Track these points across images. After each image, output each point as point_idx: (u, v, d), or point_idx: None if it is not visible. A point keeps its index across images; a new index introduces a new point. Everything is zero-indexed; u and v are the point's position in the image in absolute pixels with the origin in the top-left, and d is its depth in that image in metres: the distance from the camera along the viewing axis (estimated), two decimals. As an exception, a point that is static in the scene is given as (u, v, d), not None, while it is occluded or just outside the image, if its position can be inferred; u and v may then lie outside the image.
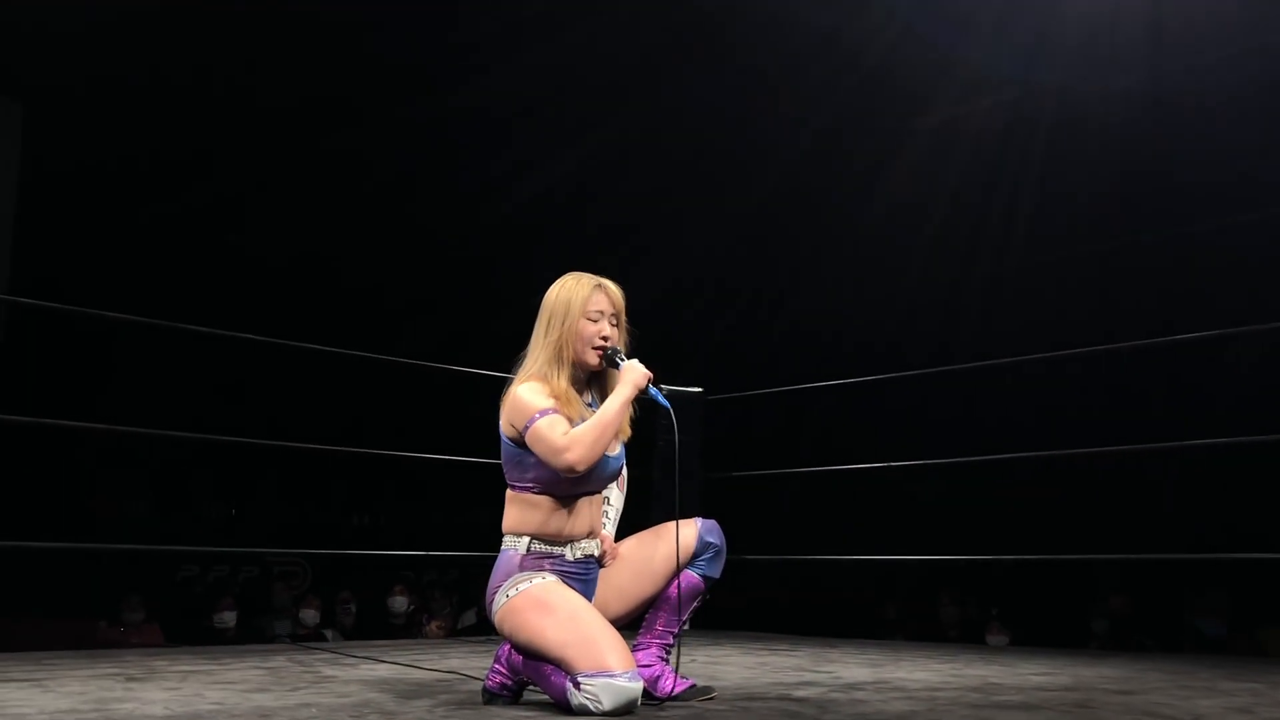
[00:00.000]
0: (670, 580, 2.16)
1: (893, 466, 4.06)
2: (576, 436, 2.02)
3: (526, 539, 2.09)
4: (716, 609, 3.39)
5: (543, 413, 2.03)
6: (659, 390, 2.18)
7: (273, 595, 7.69)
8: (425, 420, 6.98)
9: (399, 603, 6.81)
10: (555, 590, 2.03)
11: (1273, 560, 3.22)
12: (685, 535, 2.15)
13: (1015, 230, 7.21)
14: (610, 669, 1.87)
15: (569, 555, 2.10)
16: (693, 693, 2.13)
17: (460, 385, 3.92)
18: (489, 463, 2.17)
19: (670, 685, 2.12)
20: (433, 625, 6.47)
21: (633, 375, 2.10)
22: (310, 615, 6.77)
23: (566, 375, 2.11)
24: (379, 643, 4.00)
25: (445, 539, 4.73)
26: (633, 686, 1.88)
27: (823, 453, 5.65)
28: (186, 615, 7.05)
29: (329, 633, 6.62)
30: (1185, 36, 5.79)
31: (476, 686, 2.25)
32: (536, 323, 2.16)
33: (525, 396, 2.06)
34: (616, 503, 2.28)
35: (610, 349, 2.14)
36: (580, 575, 2.11)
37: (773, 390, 4.77)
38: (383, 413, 8.09)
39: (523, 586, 2.03)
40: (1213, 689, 2.36)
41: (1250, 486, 5.96)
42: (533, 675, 2.01)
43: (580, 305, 2.12)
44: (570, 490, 2.09)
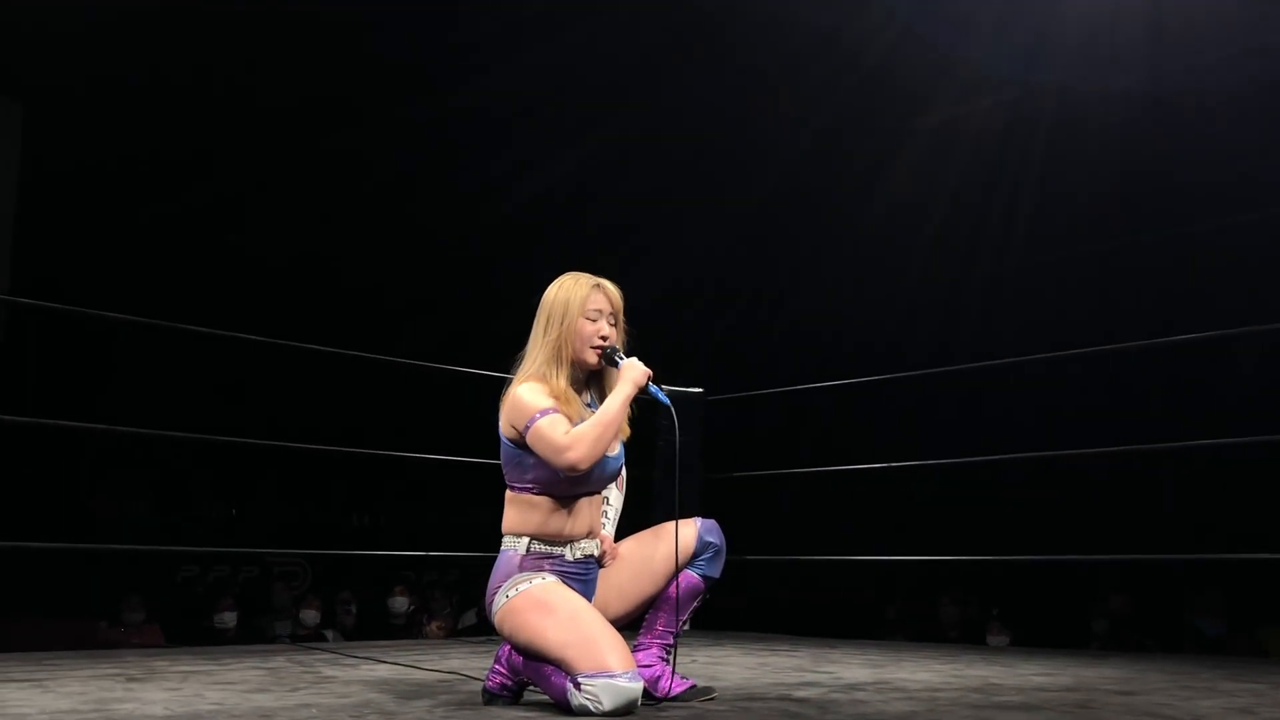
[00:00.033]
0: (670, 580, 2.16)
1: (893, 467, 4.05)
2: (578, 435, 2.01)
3: (526, 539, 2.09)
4: (717, 609, 3.39)
5: (543, 412, 2.03)
6: (659, 388, 2.18)
7: (273, 595, 7.69)
8: (425, 420, 6.98)
9: (399, 603, 6.82)
10: (555, 591, 2.03)
11: (1273, 560, 3.22)
12: (685, 535, 2.15)
13: (1015, 230, 7.20)
14: (610, 669, 1.87)
15: (569, 555, 2.10)
16: (693, 693, 2.13)
17: (460, 385, 3.92)
18: (489, 463, 2.17)
19: (671, 685, 2.12)
20: (433, 625, 6.47)
21: (632, 373, 2.10)
22: (310, 615, 6.77)
23: (565, 375, 2.11)
24: (379, 643, 4.00)
25: (445, 539, 4.73)
26: (633, 687, 1.88)
27: (823, 453, 5.64)
28: (187, 615, 7.05)
29: (329, 633, 6.62)
30: (1185, 36, 5.79)
31: (477, 687, 2.25)
32: (534, 323, 2.16)
33: (525, 396, 2.06)
34: (616, 503, 2.28)
35: (609, 348, 2.13)
36: (580, 575, 2.10)
37: (773, 390, 4.77)
38: (383, 413, 8.09)
39: (523, 587, 2.03)
40: (1213, 689, 2.36)
41: (1251, 487, 5.96)
42: (533, 676, 2.00)
43: (579, 305, 2.11)
44: (570, 491, 2.09)
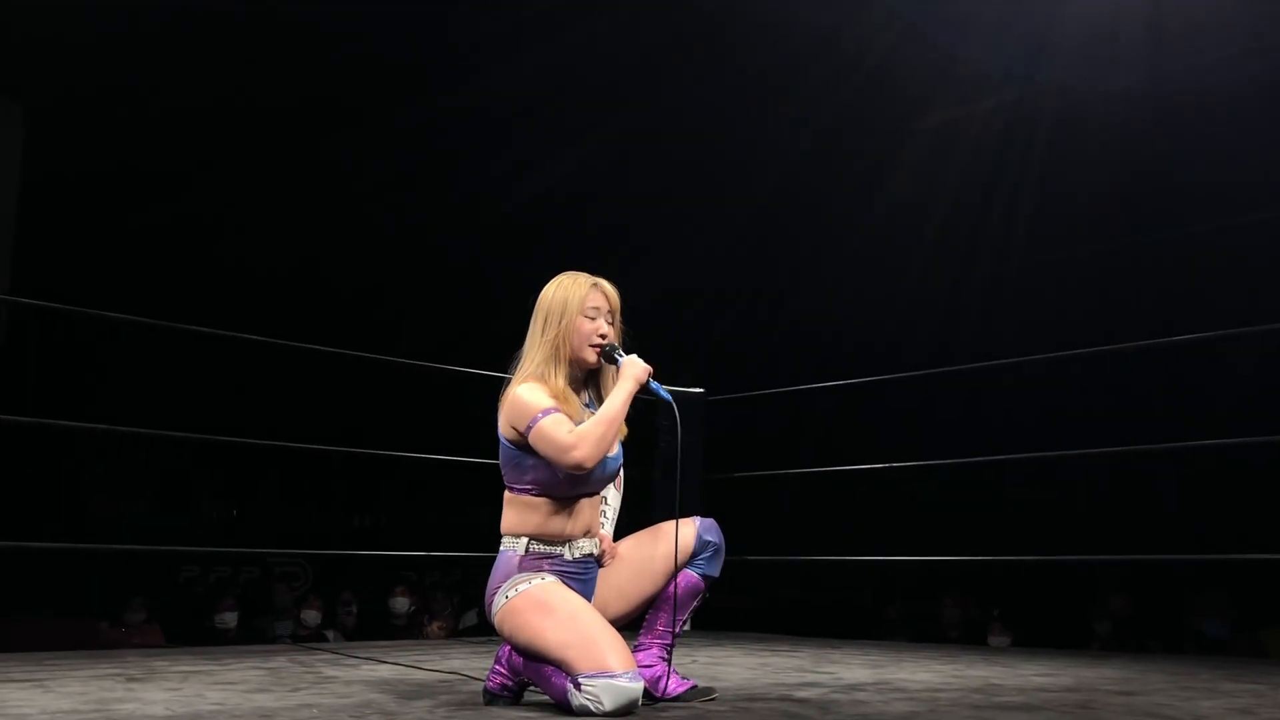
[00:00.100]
0: (670, 579, 2.16)
1: (894, 467, 4.05)
2: (583, 433, 2.01)
3: (525, 540, 2.08)
4: (718, 610, 3.39)
5: (545, 412, 2.02)
6: (660, 385, 2.17)
7: (274, 596, 7.70)
8: (426, 421, 6.98)
9: (400, 603, 6.82)
10: (555, 591, 2.02)
11: (1275, 561, 3.22)
12: (684, 534, 2.15)
13: (1015, 231, 7.20)
14: (611, 669, 1.87)
15: (568, 555, 2.09)
16: (694, 693, 2.13)
17: (461, 385, 3.92)
18: (489, 463, 2.16)
19: (671, 685, 2.12)
20: (434, 626, 6.48)
21: (633, 370, 2.10)
22: (311, 616, 6.78)
23: (564, 374, 2.11)
24: (380, 643, 4.01)
25: (446, 539, 4.73)
26: (633, 687, 1.88)
27: (823, 453, 5.64)
28: (188, 616, 7.06)
29: (330, 633, 6.63)
30: (1185, 36, 5.79)
31: (477, 687, 2.25)
32: (532, 322, 2.15)
33: (525, 397, 2.06)
34: (614, 502, 2.27)
35: (609, 345, 2.13)
36: (579, 575, 2.10)
37: (773, 391, 4.77)
38: (384, 413, 8.09)
39: (522, 587, 2.03)
40: (1214, 690, 2.36)
41: (1252, 487, 5.95)
42: (533, 676, 2.00)
43: (578, 303, 2.11)
44: (569, 492, 2.09)
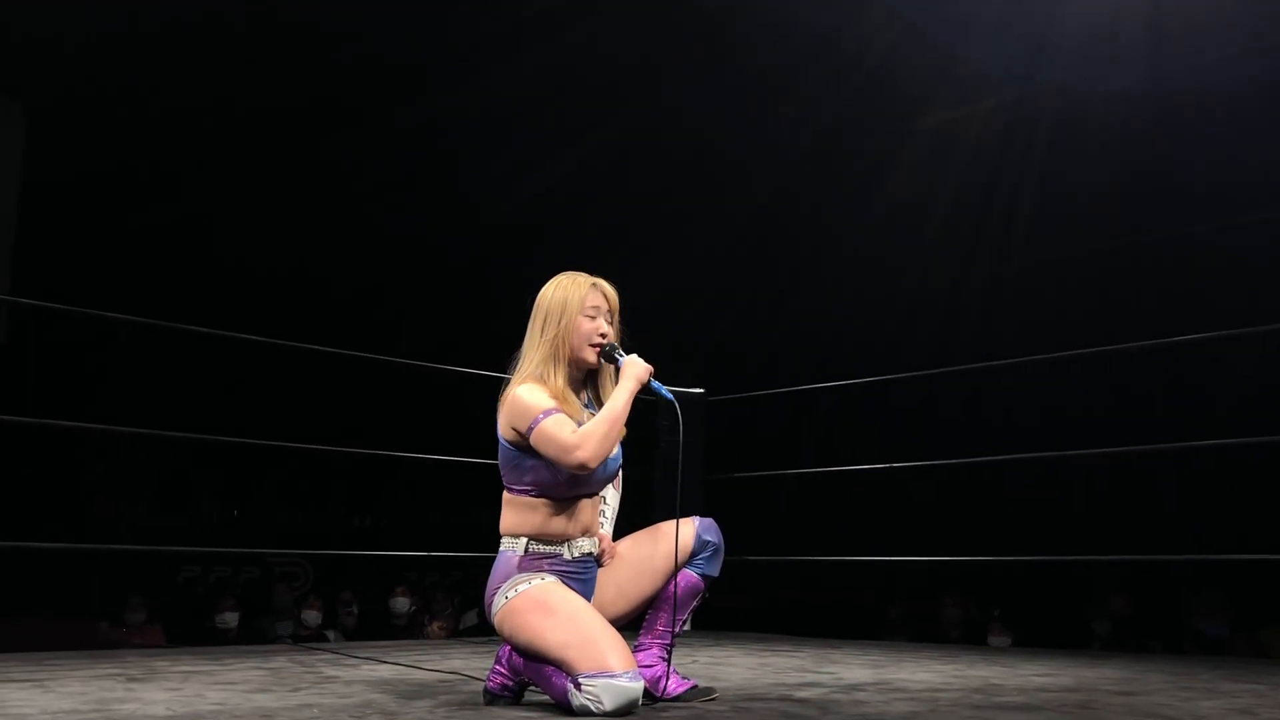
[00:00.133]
0: (670, 578, 2.16)
1: (894, 467, 4.05)
2: (586, 433, 2.01)
3: (524, 540, 2.08)
4: (718, 610, 3.39)
5: (547, 413, 2.02)
6: (661, 385, 2.17)
7: (274, 596, 7.70)
8: (426, 421, 6.99)
9: (401, 603, 6.83)
10: (555, 591, 2.02)
11: (1274, 561, 3.22)
12: (683, 534, 2.14)
13: (1015, 231, 7.20)
14: (611, 669, 1.87)
15: (567, 554, 2.09)
16: (694, 693, 2.13)
17: (461, 385, 3.92)
18: (490, 463, 2.16)
19: (672, 685, 2.12)
20: (434, 626, 6.48)
21: (635, 370, 2.09)
22: (312, 616, 6.78)
23: (564, 374, 2.10)
24: (381, 643, 4.01)
25: (447, 539, 4.73)
26: (634, 686, 1.88)
27: (824, 453, 5.64)
28: (188, 616, 7.06)
29: (331, 633, 6.63)
30: (1185, 36, 5.79)
31: (478, 687, 2.25)
32: (531, 322, 2.15)
33: (526, 397, 2.05)
34: (613, 501, 2.27)
35: (609, 345, 2.13)
36: (579, 575, 2.10)
37: (773, 391, 4.77)
38: (384, 414, 8.09)
39: (522, 588, 2.03)
40: (1214, 690, 2.36)
41: (1253, 487, 5.95)
42: (534, 676, 2.00)
43: (578, 303, 2.11)
44: (568, 493, 2.08)
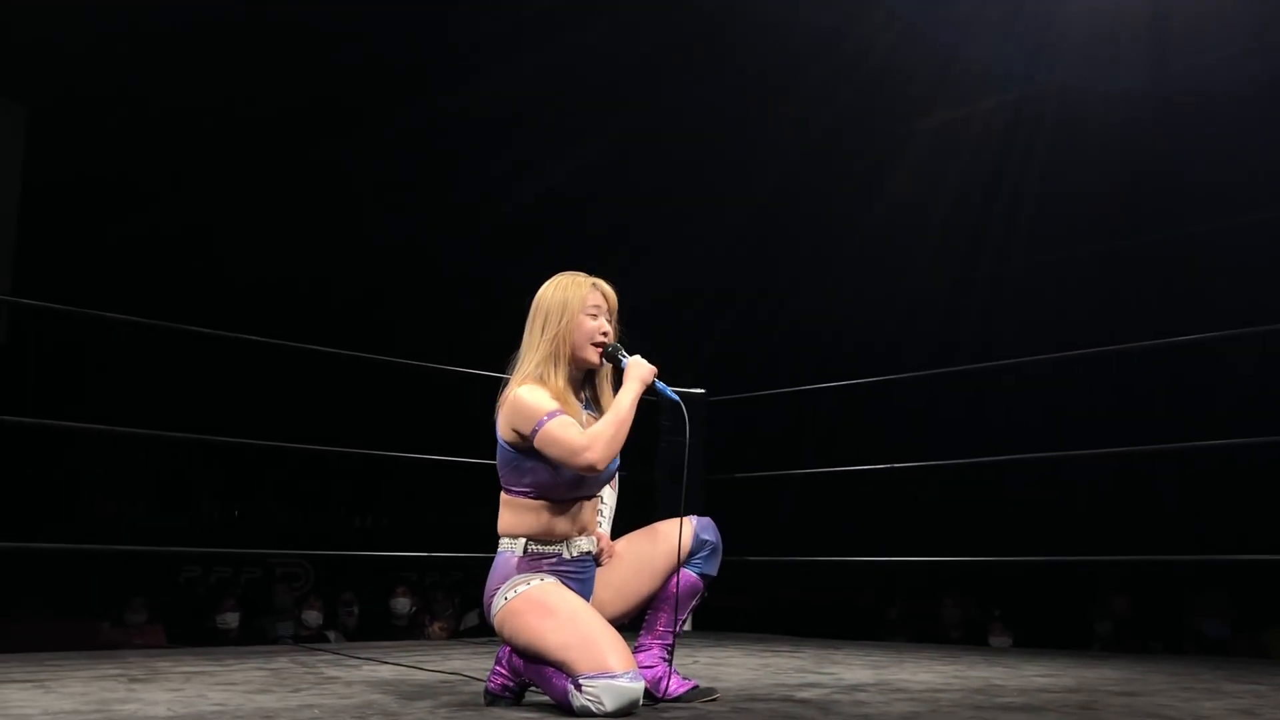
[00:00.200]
0: (668, 577, 2.15)
1: (895, 468, 4.05)
2: (595, 435, 2.00)
3: (523, 540, 2.07)
4: (718, 610, 3.39)
5: (551, 414, 2.01)
6: (666, 386, 2.16)
7: (275, 596, 7.71)
8: (426, 421, 6.99)
9: (401, 604, 6.82)
10: (554, 592, 2.02)
11: (1276, 562, 3.22)
12: (682, 533, 2.14)
13: (1016, 231, 7.20)
14: (611, 670, 1.87)
15: (566, 554, 2.08)
16: (695, 694, 2.12)
17: (461, 386, 3.92)
18: (490, 463, 2.16)
19: (673, 686, 2.11)
20: (435, 626, 6.48)
21: (639, 371, 2.09)
22: (313, 616, 6.78)
23: (564, 374, 2.09)
24: (381, 644, 4.00)
25: (447, 540, 4.73)
26: (634, 687, 1.88)
27: (825, 454, 5.64)
28: (189, 616, 7.06)
29: (331, 634, 6.63)
30: (1186, 36, 5.79)
31: (479, 688, 2.25)
32: (530, 322, 2.13)
33: (528, 398, 2.03)
34: (610, 500, 2.27)
35: (611, 345, 2.13)
36: (577, 574, 2.09)
37: (774, 392, 4.77)
38: (384, 414, 8.10)
39: (521, 589, 2.02)
40: (1216, 690, 2.35)
41: (1254, 488, 5.95)
42: (534, 677, 2.00)
43: (579, 302, 2.10)
44: (567, 495, 2.08)
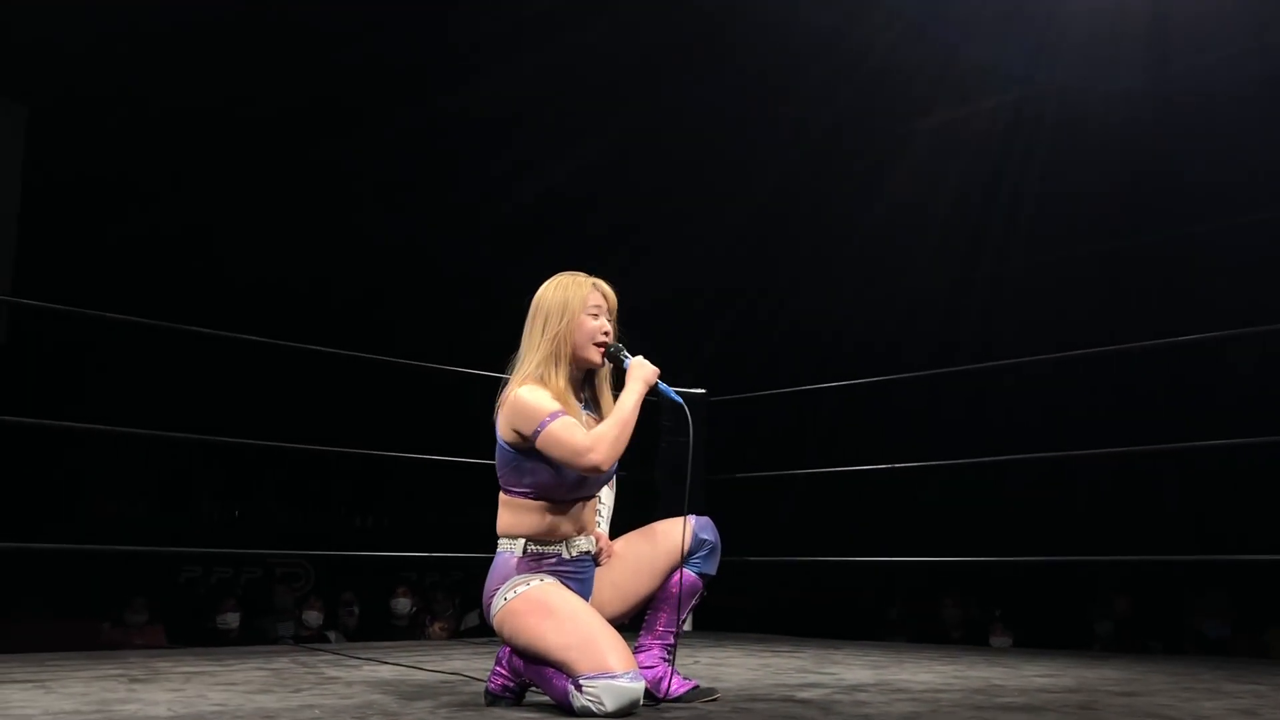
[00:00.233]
0: (667, 577, 2.15)
1: (895, 468, 4.05)
2: (599, 436, 2.00)
3: (522, 541, 2.07)
4: (719, 611, 3.39)
5: (554, 415, 2.00)
6: (668, 387, 2.16)
7: (275, 597, 7.70)
8: (426, 421, 6.99)
9: (402, 604, 6.83)
10: (554, 592, 2.02)
11: (1276, 562, 3.21)
12: (681, 533, 2.14)
13: (1016, 231, 7.20)
14: (612, 670, 1.87)
15: (565, 554, 2.08)
16: (696, 694, 2.12)
17: (461, 386, 3.93)
18: (490, 464, 2.16)
19: (673, 686, 2.11)
20: (435, 626, 6.48)
21: (642, 372, 2.09)
22: (313, 617, 6.78)
23: (564, 375, 2.09)
24: (382, 644, 4.00)
25: (448, 540, 4.73)
26: (635, 687, 1.88)
27: (825, 454, 5.64)
28: (189, 616, 7.07)
29: (332, 634, 6.63)
30: (1186, 36, 5.79)
31: (479, 688, 2.25)
32: (529, 322, 2.13)
33: (529, 399, 2.03)
34: (608, 500, 2.27)
35: (614, 345, 2.12)
36: (577, 574, 2.09)
37: (774, 392, 4.77)
38: (384, 414, 8.10)
39: (521, 589, 2.02)
40: (1216, 690, 2.35)
41: (1254, 487, 5.95)
42: (534, 677, 2.00)
43: (579, 301, 2.10)
44: (567, 496, 2.08)
